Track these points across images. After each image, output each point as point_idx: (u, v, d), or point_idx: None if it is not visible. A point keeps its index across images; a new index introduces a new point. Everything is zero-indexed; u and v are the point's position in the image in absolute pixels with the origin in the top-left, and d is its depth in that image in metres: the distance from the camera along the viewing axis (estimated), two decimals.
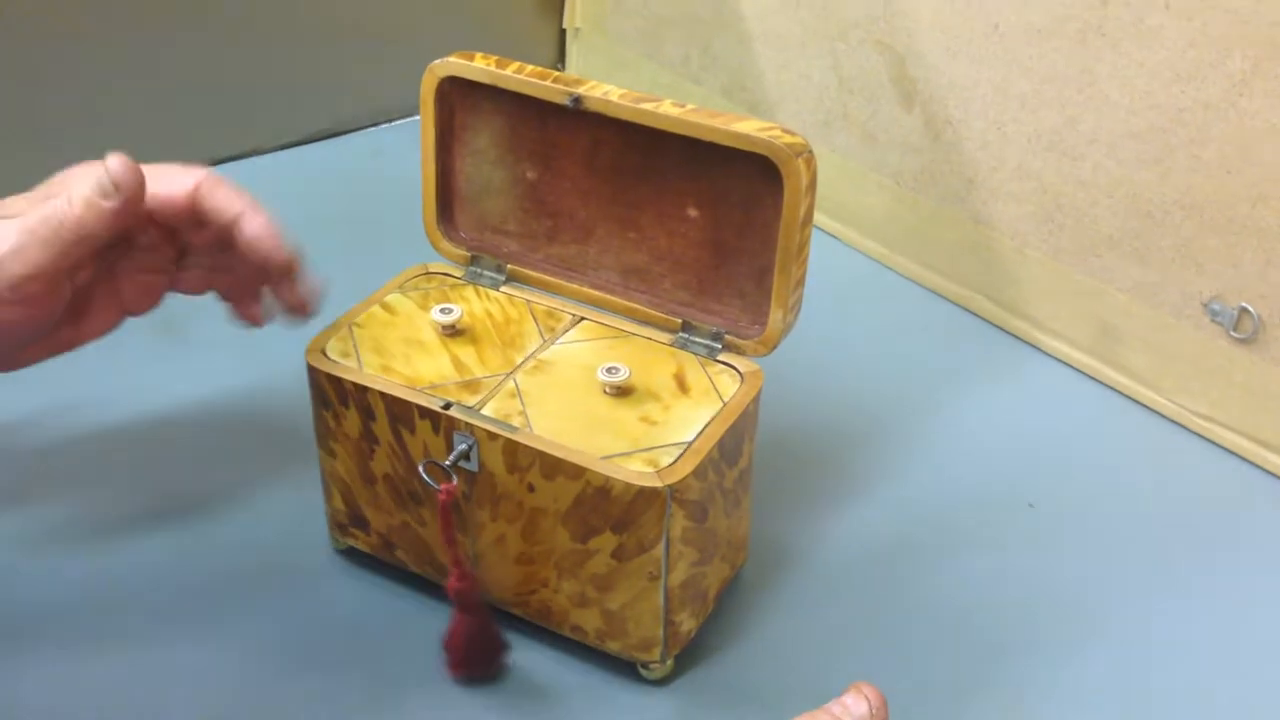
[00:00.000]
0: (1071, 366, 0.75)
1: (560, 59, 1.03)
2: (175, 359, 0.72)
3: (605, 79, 0.58)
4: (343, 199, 0.88)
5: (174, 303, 0.59)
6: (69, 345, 0.56)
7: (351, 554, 0.60)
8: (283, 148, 0.93)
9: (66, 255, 0.51)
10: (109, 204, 0.51)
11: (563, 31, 1.02)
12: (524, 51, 1.01)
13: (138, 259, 0.56)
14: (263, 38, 0.90)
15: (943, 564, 0.61)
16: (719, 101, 0.90)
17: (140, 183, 0.51)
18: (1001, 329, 0.78)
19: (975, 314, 0.79)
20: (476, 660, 0.54)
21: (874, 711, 0.46)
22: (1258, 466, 0.68)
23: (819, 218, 0.84)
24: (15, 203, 0.52)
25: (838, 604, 0.59)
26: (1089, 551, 0.63)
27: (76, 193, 0.51)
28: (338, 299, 0.59)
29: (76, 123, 0.84)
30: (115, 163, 0.51)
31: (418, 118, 0.59)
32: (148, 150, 0.86)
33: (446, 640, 0.54)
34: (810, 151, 0.52)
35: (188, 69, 0.88)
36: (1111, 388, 0.73)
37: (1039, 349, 0.76)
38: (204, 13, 0.87)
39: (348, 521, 0.58)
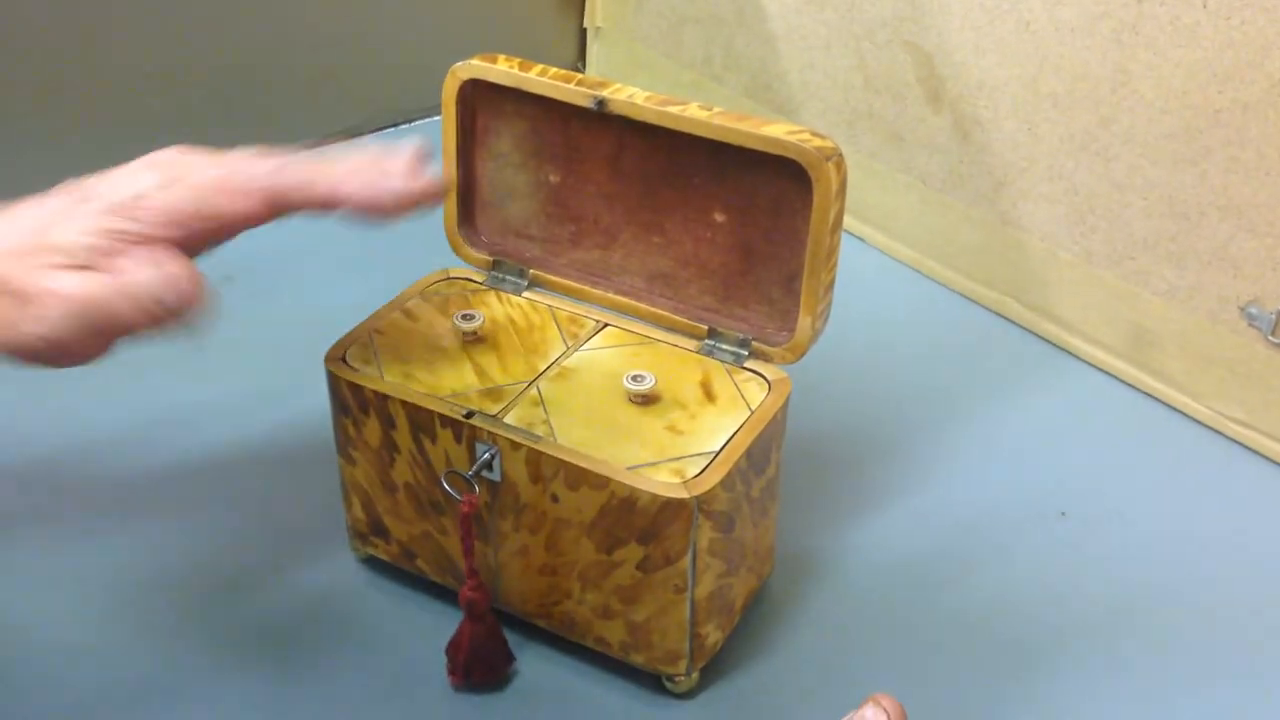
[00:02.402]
0: (1104, 371, 0.73)
1: (581, 58, 1.02)
2: (193, 366, 0.71)
3: (626, 79, 0.57)
4: None
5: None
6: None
7: (371, 563, 0.59)
8: (302, 149, 0.92)
9: (100, 339, 0.44)
10: (159, 312, 0.43)
11: (583, 31, 1.01)
12: (544, 51, 1.01)
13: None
14: (282, 38, 0.90)
15: (972, 574, 0.60)
16: (742, 102, 0.88)
17: (194, 302, 0.44)
18: (1032, 333, 0.77)
19: (1005, 318, 0.78)
20: (479, 670, 0.53)
21: None
22: None
23: (845, 219, 0.83)
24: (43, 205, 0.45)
25: (865, 615, 0.58)
26: (1123, 562, 0.61)
27: (132, 284, 0.43)
28: (357, 305, 0.58)
29: (91, 120, 0.84)
30: (178, 274, 0.43)
31: (436, 119, 0.58)
32: (155, 149, 0.86)
33: (451, 647, 0.53)
34: (840, 155, 0.51)
35: (206, 69, 0.87)
36: (1146, 393, 0.72)
37: (1071, 354, 0.75)
38: (223, 12, 0.86)
39: (368, 530, 0.57)
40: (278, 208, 0.46)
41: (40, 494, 0.63)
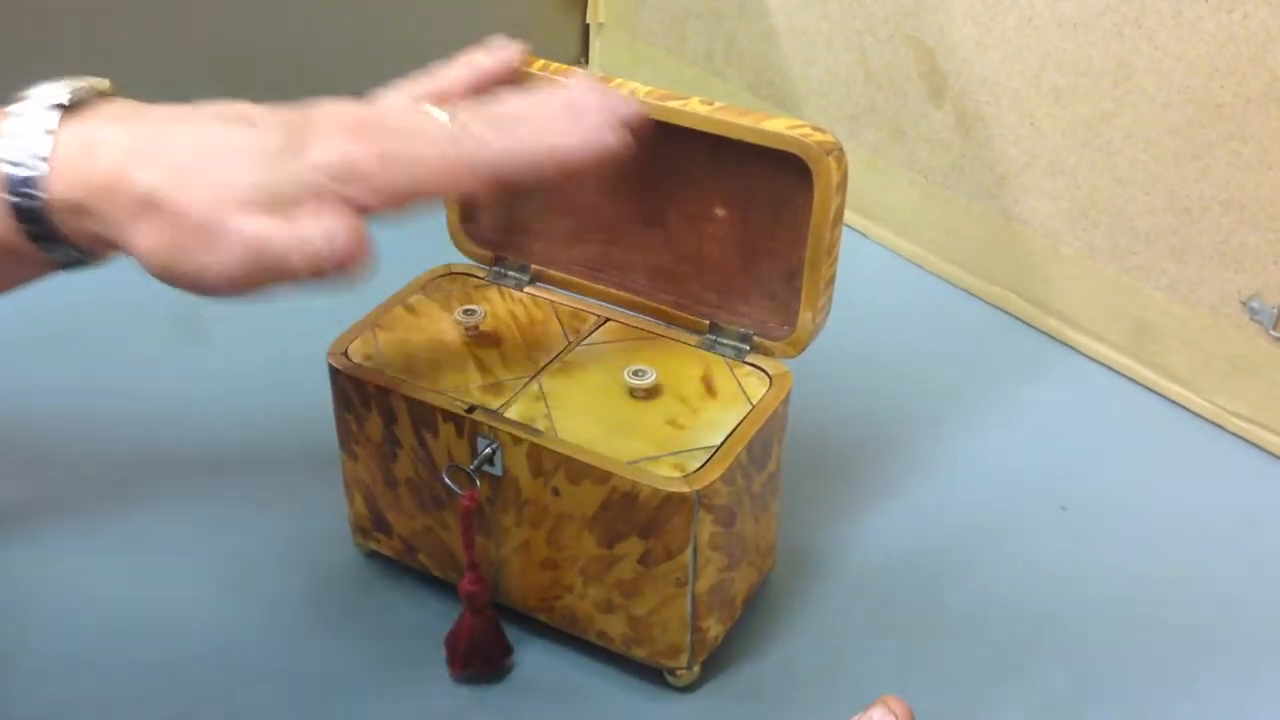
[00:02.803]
0: (1106, 366, 0.73)
1: (583, 54, 1.02)
2: (196, 360, 0.71)
3: (628, 74, 0.57)
4: None
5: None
6: None
7: (373, 558, 0.59)
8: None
9: (266, 280, 0.42)
10: (329, 272, 0.42)
11: (586, 26, 1.01)
12: (547, 46, 1.00)
13: None
14: (284, 35, 0.90)
15: (973, 569, 0.60)
16: (744, 97, 0.88)
17: (361, 260, 0.42)
18: (1034, 328, 0.77)
19: (1007, 312, 0.78)
20: (477, 661, 0.53)
21: None
22: None
23: (848, 214, 0.83)
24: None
25: (866, 610, 0.58)
26: (1124, 556, 0.61)
27: (309, 241, 0.41)
28: (360, 300, 0.58)
29: None
30: (339, 231, 0.41)
31: None
32: None
33: (450, 638, 0.53)
34: (841, 150, 0.51)
35: (205, 67, 0.87)
36: (1147, 388, 0.72)
37: (1073, 348, 0.75)
38: (223, 9, 0.86)
39: (370, 525, 0.57)
40: (505, 187, 0.44)
41: (40, 488, 0.63)
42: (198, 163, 0.41)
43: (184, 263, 0.41)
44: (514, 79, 0.49)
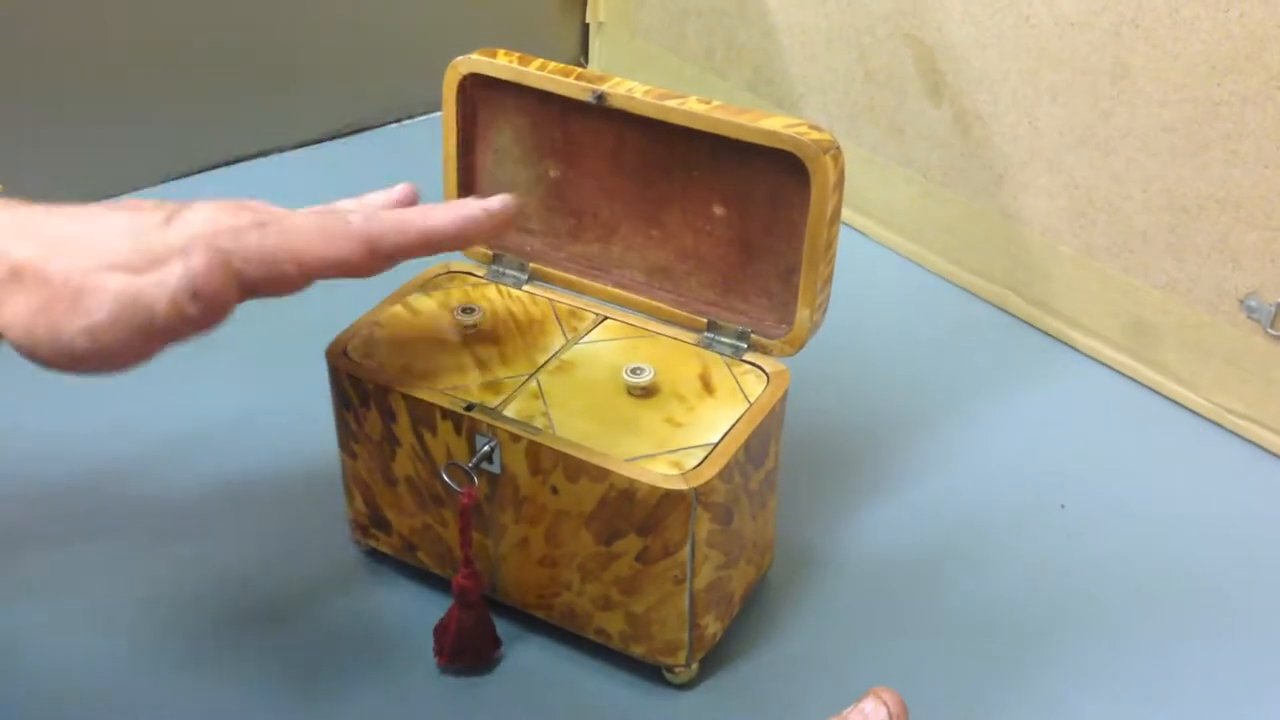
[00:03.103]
0: (1104, 364, 0.74)
1: (583, 53, 1.02)
2: (192, 361, 0.71)
3: (628, 73, 0.57)
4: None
5: None
6: None
7: (372, 555, 0.59)
8: (302, 145, 0.93)
9: (149, 345, 0.42)
10: (191, 310, 0.42)
11: (585, 26, 1.01)
12: (546, 46, 1.01)
13: None
14: (284, 34, 0.90)
15: (971, 566, 0.60)
16: (743, 96, 0.89)
17: (225, 301, 0.43)
18: (1032, 326, 0.77)
19: (1006, 311, 0.78)
20: (465, 654, 0.54)
21: (893, 717, 0.45)
22: None
23: (847, 213, 0.82)
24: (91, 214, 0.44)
25: (865, 607, 0.58)
26: (1122, 554, 0.61)
27: (170, 281, 0.41)
28: (358, 299, 0.58)
29: (94, 120, 0.84)
30: (198, 263, 0.41)
31: (437, 115, 0.59)
32: (168, 145, 0.87)
33: (439, 630, 0.54)
34: (838, 148, 0.51)
35: (208, 65, 0.88)
36: (1146, 386, 0.72)
37: (1071, 346, 0.75)
38: (223, 9, 0.87)
39: (369, 523, 0.58)
40: (377, 252, 0.46)
41: (42, 491, 0.63)
42: (74, 239, 0.42)
43: (53, 330, 0.41)
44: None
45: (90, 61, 0.83)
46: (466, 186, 0.59)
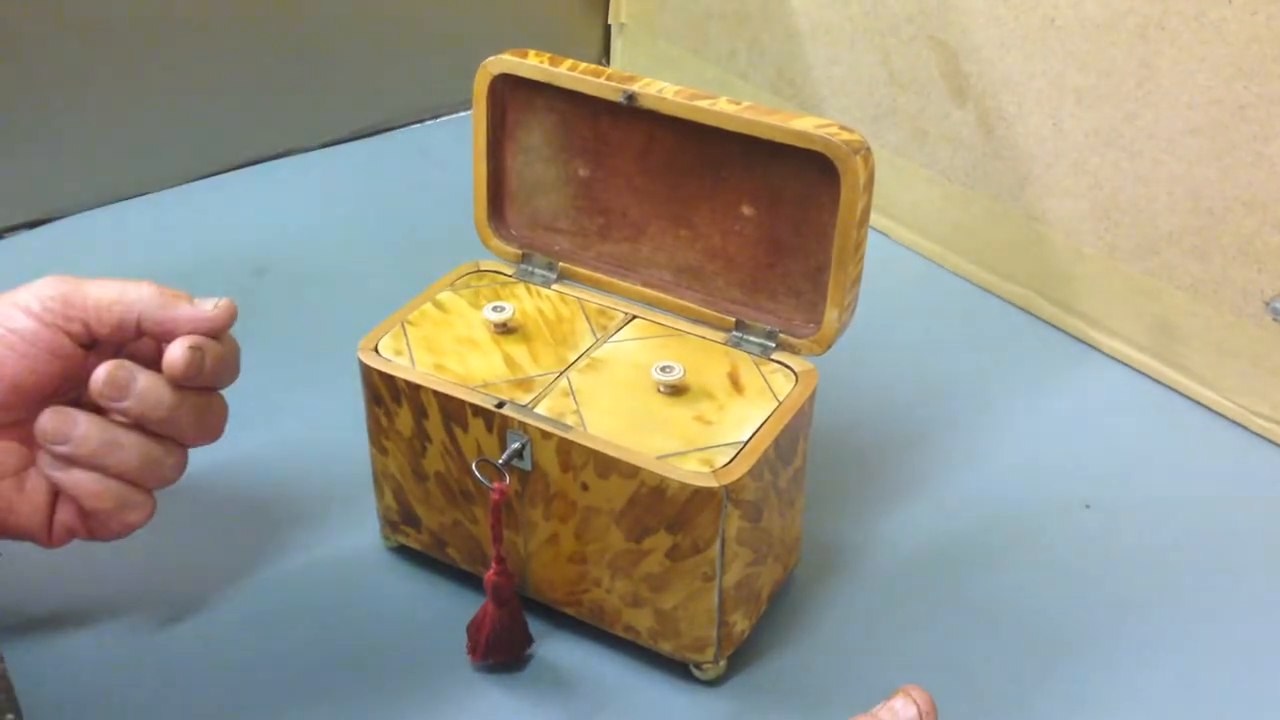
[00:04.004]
0: (1129, 366, 0.74)
1: (605, 55, 1.03)
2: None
3: (650, 74, 0.57)
4: (390, 196, 0.88)
5: (224, 285, 0.59)
6: None
7: (402, 551, 0.60)
8: (328, 145, 0.94)
9: (129, 316, 0.50)
10: (207, 314, 0.51)
11: (608, 27, 1.01)
12: (569, 47, 1.01)
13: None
14: (308, 35, 0.90)
15: (997, 565, 0.61)
16: (767, 97, 0.89)
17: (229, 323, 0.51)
18: (1057, 328, 0.77)
19: (1030, 313, 0.78)
20: (499, 650, 0.54)
21: (923, 715, 0.45)
22: None
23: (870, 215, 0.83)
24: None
25: (890, 605, 0.58)
26: (1147, 554, 0.62)
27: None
28: (390, 296, 0.59)
29: (121, 117, 0.85)
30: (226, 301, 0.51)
31: (462, 114, 0.59)
32: (193, 145, 0.87)
33: (473, 627, 0.54)
34: (868, 149, 0.51)
35: (242, 68, 0.88)
36: (1170, 388, 0.72)
37: (1096, 348, 0.75)
38: (250, 9, 0.87)
39: (399, 519, 0.58)
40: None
41: None
42: None
43: None
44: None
45: (113, 62, 0.84)
46: (496, 186, 0.60)
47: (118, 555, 0.60)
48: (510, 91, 0.58)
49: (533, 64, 0.56)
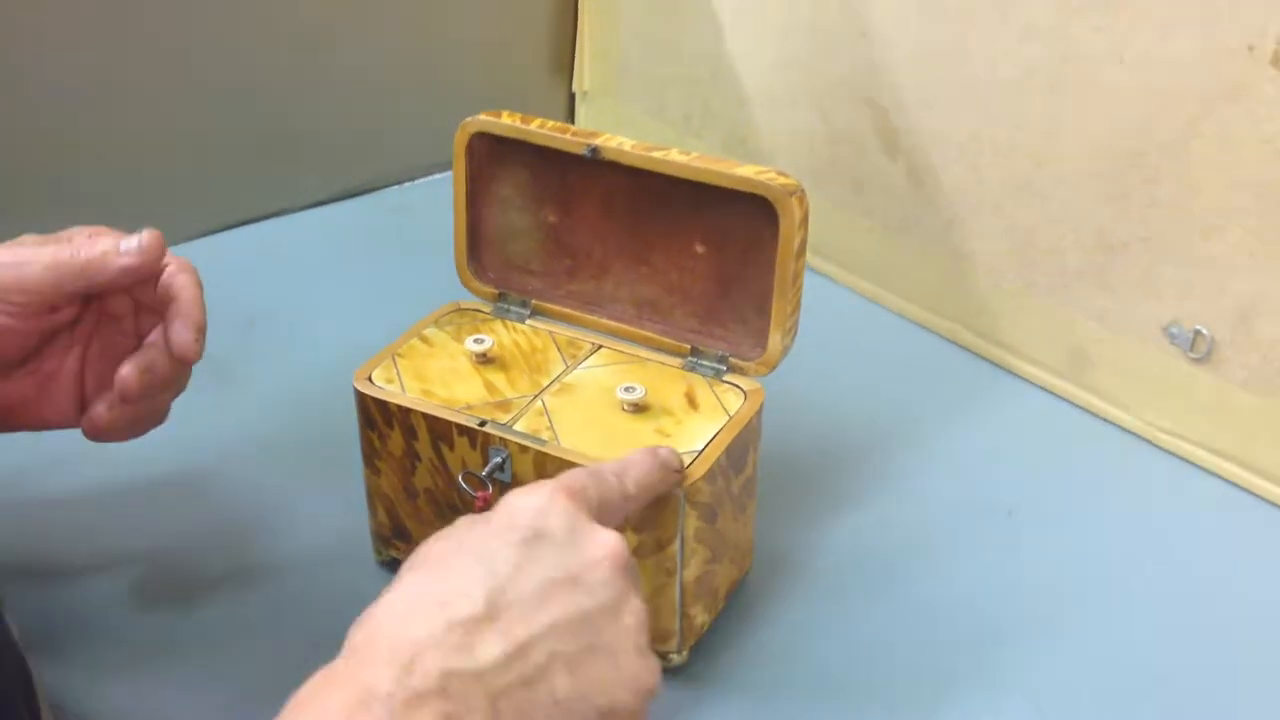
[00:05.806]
0: (1046, 389, 0.80)
1: (570, 119, 1.09)
2: (234, 388, 0.77)
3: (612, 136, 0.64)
4: (374, 250, 0.94)
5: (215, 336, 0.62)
6: (19, 419, 0.58)
7: (393, 565, 0.64)
8: (311, 206, 0.99)
9: (61, 286, 0.54)
10: (126, 260, 0.55)
11: (572, 95, 1.08)
12: (536, 112, 1.06)
13: (105, 336, 0.59)
14: (296, 106, 0.96)
15: (930, 567, 0.66)
16: (719, 155, 0.95)
17: (160, 254, 0.56)
18: (981, 357, 0.83)
19: (957, 344, 0.85)
20: None
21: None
22: (1216, 475, 0.73)
23: (814, 259, 0.90)
24: (28, 240, 0.56)
25: (834, 602, 0.64)
26: (1064, 554, 0.67)
27: (98, 240, 0.55)
28: (380, 334, 0.64)
29: (99, 180, 0.89)
30: (148, 232, 0.55)
31: (437, 176, 0.65)
32: (176, 210, 0.91)
33: None
34: (802, 190, 0.58)
35: (223, 132, 0.93)
36: (1083, 408, 0.78)
37: (1016, 374, 0.82)
38: (243, 85, 0.92)
39: (391, 535, 0.64)
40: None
41: (77, 500, 0.68)
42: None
43: None
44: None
45: (94, 121, 0.87)
46: (473, 232, 0.66)
47: (115, 562, 0.64)
48: (485, 148, 0.64)
49: (506, 123, 0.63)
